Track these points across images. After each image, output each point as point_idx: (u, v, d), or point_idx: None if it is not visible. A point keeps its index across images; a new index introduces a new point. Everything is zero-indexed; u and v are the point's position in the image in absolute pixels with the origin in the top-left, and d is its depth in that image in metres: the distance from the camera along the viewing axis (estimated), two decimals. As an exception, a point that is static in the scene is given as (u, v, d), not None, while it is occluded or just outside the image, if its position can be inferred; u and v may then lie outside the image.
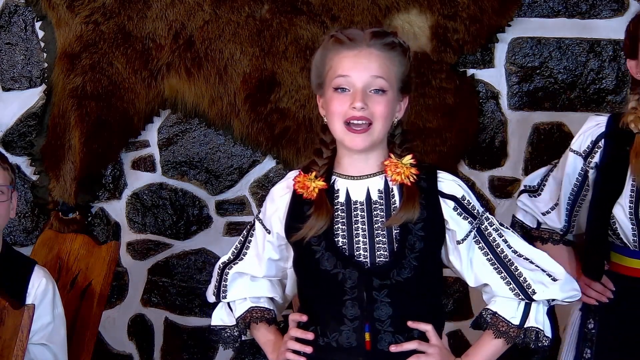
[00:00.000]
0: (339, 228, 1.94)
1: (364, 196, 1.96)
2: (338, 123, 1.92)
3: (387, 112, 1.92)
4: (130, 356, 3.54)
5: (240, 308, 2.10)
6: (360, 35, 1.93)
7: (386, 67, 1.92)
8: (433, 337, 1.94)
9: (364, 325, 1.91)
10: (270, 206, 2.04)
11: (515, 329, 1.96)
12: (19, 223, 3.46)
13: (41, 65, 3.42)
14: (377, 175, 1.97)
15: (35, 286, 2.48)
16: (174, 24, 3.32)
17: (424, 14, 3.28)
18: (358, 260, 1.92)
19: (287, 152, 3.37)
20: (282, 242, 2.04)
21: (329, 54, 1.95)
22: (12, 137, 3.46)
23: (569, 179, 2.42)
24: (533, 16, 3.34)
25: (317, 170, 1.98)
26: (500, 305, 1.98)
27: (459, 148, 3.37)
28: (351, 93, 1.90)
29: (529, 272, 1.96)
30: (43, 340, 2.43)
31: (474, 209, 1.97)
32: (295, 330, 1.98)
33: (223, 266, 2.12)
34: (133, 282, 3.51)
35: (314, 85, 2.01)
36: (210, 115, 3.37)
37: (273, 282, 2.12)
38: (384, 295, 1.90)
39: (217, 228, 3.48)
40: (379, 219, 1.94)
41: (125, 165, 3.47)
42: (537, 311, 1.97)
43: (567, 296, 1.98)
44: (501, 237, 1.99)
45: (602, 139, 2.37)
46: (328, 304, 1.94)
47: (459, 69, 3.35)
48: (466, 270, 1.99)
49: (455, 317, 3.41)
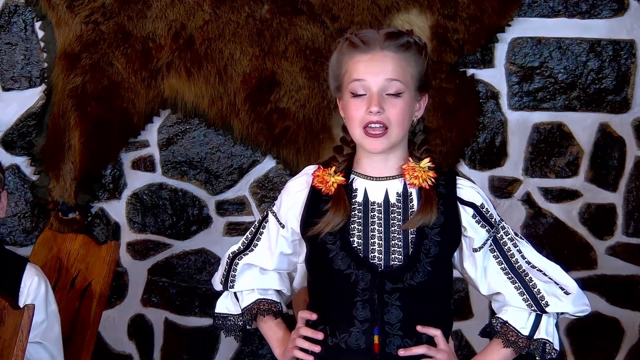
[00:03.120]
0: (354, 228, 1.94)
1: (382, 198, 1.96)
2: (357, 128, 1.92)
3: (404, 115, 1.91)
4: (130, 356, 3.54)
5: (247, 299, 2.10)
6: (374, 38, 1.92)
7: (401, 69, 1.91)
8: (441, 342, 1.94)
9: (373, 327, 1.90)
10: (286, 200, 2.03)
11: (525, 339, 1.96)
12: (19, 223, 3.46)
13: (41, 65, 3.41)
14: (396, 178, 1.97)
15: (28, 284, 2.48)
16: (174, 23, 3.32)
17: (424, 14, 3.28)
18: (372, 263, 1.91)
19: (287, 152, 3.37)
20: (296, 237, 2.04)
21: (344, 58, 1.94)
22: (12, 137, 3.45)
23: None
24: (533, 16, 3.34)
25: (337, 166, 1.98)
26: (511, 315, 1.98)
27: (459, 148, 3.37)
28: (367, 97, 1.90)
29: (542, 284, 1.96)
30: (37, 338, 2.42)
31: (491, 218, 1.97)
32: (306, 329, 1.98)
33: (233, 256, 2.11)
34: (133, 282, 3.51)
35: (332, 88, 2.00)
36: (210, 115, 3.37)
37: (282, 275, 2.11)
38: (395, 298, 1.90)
39: (217, 228, 3.48)
40: (395, 222, 1.93)
41: (125, 165, 3.47)
42: (547, 323, 1.97)
43: (578, 310, 1.98)
44: (516, 247, 1.99)
45: None
46: (339, 304, 1.93)
47: (459, 69, 3.35)
48: (480, 278, 1.99)
49: (456, 317, 3.40)
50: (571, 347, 3.46)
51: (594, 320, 3.37)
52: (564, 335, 3.44)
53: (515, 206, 3.41)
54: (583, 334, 3.43)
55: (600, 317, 3.40)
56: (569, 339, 3.45)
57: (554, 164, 3.40)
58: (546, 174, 3.40)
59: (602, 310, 3.41)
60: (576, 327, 3.43)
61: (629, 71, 3.34)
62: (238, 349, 3.46)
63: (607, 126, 3.36)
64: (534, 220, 3.42)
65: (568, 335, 3.45)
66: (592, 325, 3.39)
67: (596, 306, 3.28)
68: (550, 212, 3.42)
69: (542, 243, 3.32)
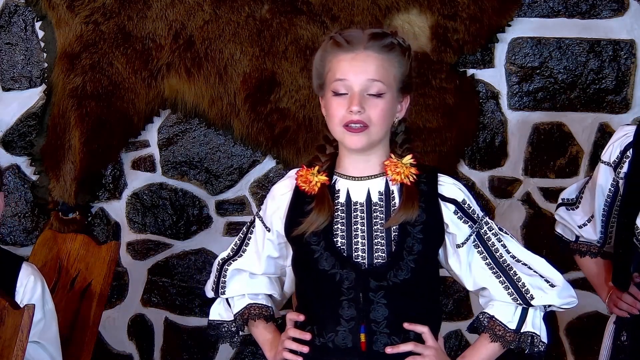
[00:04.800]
0: (338, 228, 1.95)
1: (364, 197, 1.96)
2: (337, 126, 1.93)
3: (384, 115, 1.92)
4: (130, 356, 3.54)
5: (238, 304, 2.11)
6: (358, 38, 1.93)
7: (384, 70, 1.91)
8: (429, 338, 1.94)
9: (359, 326, 1.91)
10: (271, 204, 2.04)
11: (512, 333, 1.96)
12: (19, 223, 3.46)
13: (41, 65, 3.42)
14: (378, 177, 1.97)
15: (24, 283, 2.48)
16: (174, 24, 3.32)
17: (424, 14, 3.28)
18: (356, 261, 1.92)
19: (287, 152, 3.37)
20: (282, 240, 2.05)
21: (328, 56, 1.95)
22: (12, 137, 3.46)
23: (602, 191, 2.41)
24: (533, 16, 3.34)
25: (320, 165, 1.99)
26: (498, 309, 1.98)
27: (459, 148, 3.37)
28: (349, 96, 1.91)
29: (527, 278, 1.97)
30: (35, 337, 2.42)
31: (474, 213, 1.98)
32: (294, 330, 1.98)
33: (222, 262, 2.13)
34: (133, 282, 3.51)
35: (315, 86, 2.01)
36: (210, 115, 3.37)
37: (272, 280, 2.12)
38: (380, 296, 1.91)
39: (217, 228, 3.48)
40: (378, 221, 1.94)
41: (125, 165, 3.47)
42: (534, 316, 1.97)
43: (564, 302, 1.99)
44: (500, 242, 2.00)
45: (630, 148, 2.35)
46: (325, 304, 1.94)
47: (459, 69, 3.35)
48: (465, 274, 1.99)
49: (455, 317, 3.42)
50: (571, 347, 3.46)
51: (594, 320, 3.37)
52: (563, 335, 3.44)
53: (515, 206, 3.41)
54: (583, 334, 3.43)
55: (600, 317, 3.40)
56: (568, 338, 3.45)
57: (554, 164, 3.40)
58: (546, 174, 3.40)
59: (602, 310, 3.41)
60: (576, 327, 3.43)
61: (629, 71, 3.34)
62: (238, 349, 3.46)
63: (607, 126, 3.36)
64: (534, 221, 3.41)
65: (568, 335, 3.44)
66: (592, 325, 3.39)
67: (596, 306, 3.28)
68: (551, 212, 3.42)
69: (542, 243, 3.31)
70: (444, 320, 3.30)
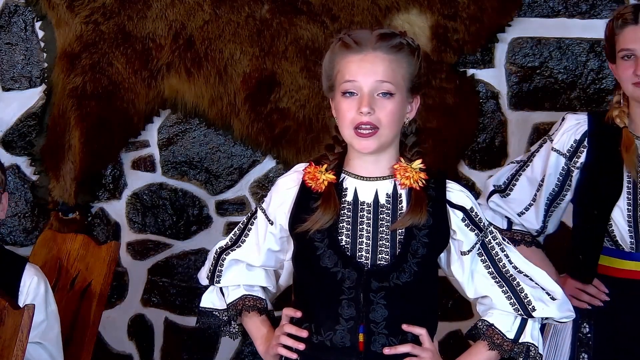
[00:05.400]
0: (343, 227, 1.94)
1: (372, 198, 1.96)
2: (347, 128, 1.92)
3: (394, 117, 1.92)
4: (130, 356, 3.54)
5: (233, 294, 2.10)
6: (367, 39, 1.92)
7: (392, 71, 1.91)
8: (426, 341, 1.94)
9: (358, 326, 1.91)
10: (275, 197, 2.03)
11: (510, 342, 1.97)
12: (19, 223, 3.46)
13: (41, 65, 3.42)
14: (387, 179, 1.97)
15: (27, 284, 2.48)
16: (174, 24, 3.32)
17: (424, 14, 3.28)
18: (359, 261, 1.92)
19: (287, 152, 3.37)
20: (284, 235, 2.04)
21: (337, 58, 1.95)
22: (12, 137, 3.46)
23: (550, 179, 2.40)
24: (533, 16, 3.34)
25: (328, 163, 1.98)
26: (497, 318, 1.99)
27: (459, 148, 3.37)
28: (358, 97, 1.90)
29: (530, 289, 1.97)
30: (37, 338, 2.42)
31: (480, 222, 1.98)
32: (290, 327, 1.98)
33: (220, 251, 2.12)
34: (133, 282, 3.51)
35: (325, 88, 2.00)
36: (210, 115, 3.37)
37: (269, 272, 2.11)
38: (380, 297, 1.91)
39: (217, 228, 3.48)
40: (384, 222, 1.94)
41: (125, 165, 3.47)
42: (532, 327, 1.98)
43: (563, 316, 2.00)
44: (503, 252, 2.00)
45: (587, 138, 2.35)
46: (324, 302, 1.93)
47: (459, 69, 3.35)
48: (467, 282, 2.00)
49: (455, 317, 3.41)
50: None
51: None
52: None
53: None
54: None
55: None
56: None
57: (554, 164, 3.39)
58: (546, 174, 3.40)
59: (602, 310, 3.41)
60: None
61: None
62: (238, 349, 3.46)
63: (607, 126, 3.36)
64: (534, 220, 3.41)
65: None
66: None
67: (596, 306, 3.28)
68: (550, 212, 3.42)
69: (542, 243, 3.31)
70: (444, 320, 3.31)
